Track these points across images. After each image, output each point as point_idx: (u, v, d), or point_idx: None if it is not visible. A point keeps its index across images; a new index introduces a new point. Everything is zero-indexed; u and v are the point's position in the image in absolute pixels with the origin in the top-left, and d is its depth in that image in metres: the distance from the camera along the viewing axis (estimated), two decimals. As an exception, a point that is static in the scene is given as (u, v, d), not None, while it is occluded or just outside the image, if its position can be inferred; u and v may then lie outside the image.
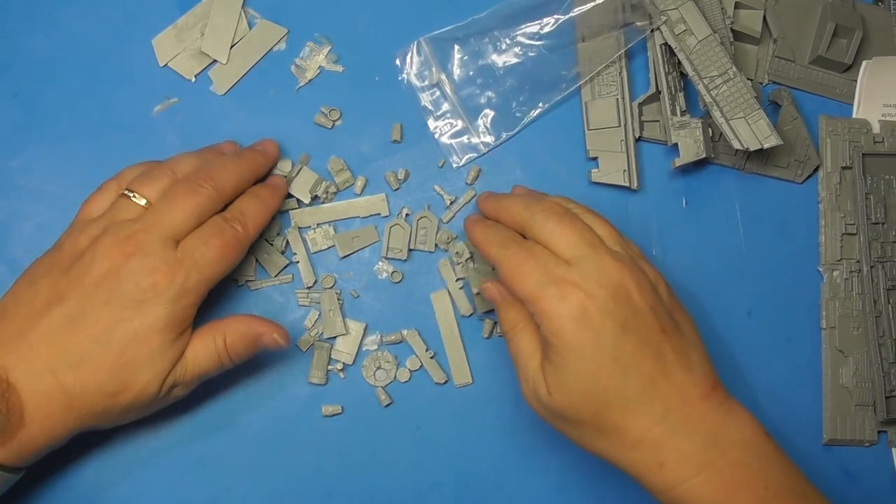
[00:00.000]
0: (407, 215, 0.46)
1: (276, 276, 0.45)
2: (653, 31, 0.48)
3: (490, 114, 0.48)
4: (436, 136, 0.48)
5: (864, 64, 0.51)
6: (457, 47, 0.48)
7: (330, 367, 0.45)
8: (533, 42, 0.48)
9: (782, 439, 0.38)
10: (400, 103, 0.48)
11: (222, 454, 0.43)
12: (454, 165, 0.47)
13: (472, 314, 0.46)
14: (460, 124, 0.48)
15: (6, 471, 0.36)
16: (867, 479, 0.47)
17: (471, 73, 0.48)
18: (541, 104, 0.48)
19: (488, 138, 0.48)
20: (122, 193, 0.39)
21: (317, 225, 0.46)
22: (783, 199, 0.50)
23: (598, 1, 0.47)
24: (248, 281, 0.45)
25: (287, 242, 0.45)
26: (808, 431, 0.47)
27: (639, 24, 0.47)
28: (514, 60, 0.48)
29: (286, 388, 0.44)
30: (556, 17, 0.48)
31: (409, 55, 0.48)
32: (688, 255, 0.48)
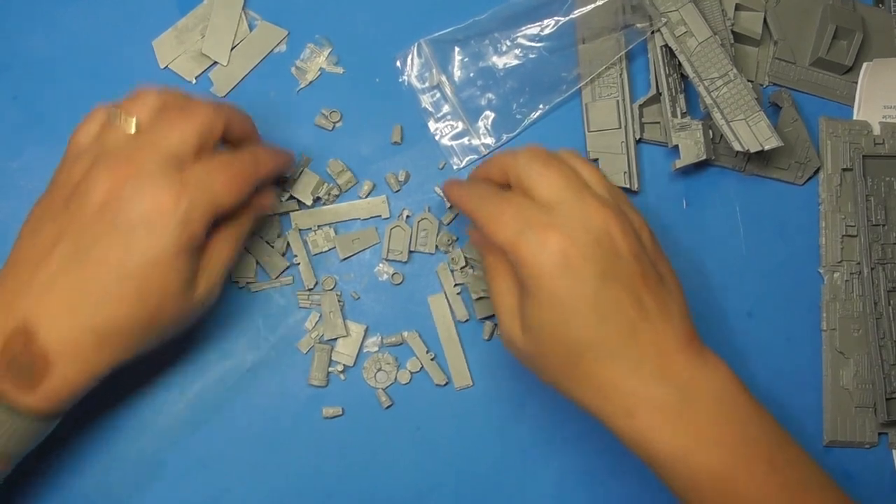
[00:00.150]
0: (407, 217, 0.46)
1: (276, 277, 0.45)
2: (653, 32, 0.48)
3: (490, 115, 0.48)
4: (436, 138, 0.48)
5: (864, 66, 0.51)
6: (457, 49, 0.48)
7: (330, 369, 0.45)
8: (533, 44, 0.48)
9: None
10: (400, 105, 0.48)
11: (223, 455, 0.43)
12: (455, 167, 0.47)
13: (467, 320, 0.45)
14: (461, 126, 0.48)
15: (41, 418, 0.35)
16: (867, 480, 0.47)
17: (471, 74, 0.48)
18: (541, 106, 0.48)
19: (489, 140, 0.48)
20: (111, 116, 0.37)
21: (317, 227, 0.46)
22: (784, 201, 0.50)
23: (599, 3, 0.47)
24: (249, 283, 0.45)
25: (288, 244, 0.45)
26: (809, 433, 0.47)
27: (639, 25, 0.47)
28: (515, 62, 0.48)
29: (287, 390, 0.44)
30: (556, 18, 0.48)
31: (410, 57, 0.48)
32: (688, 257, 0.48)
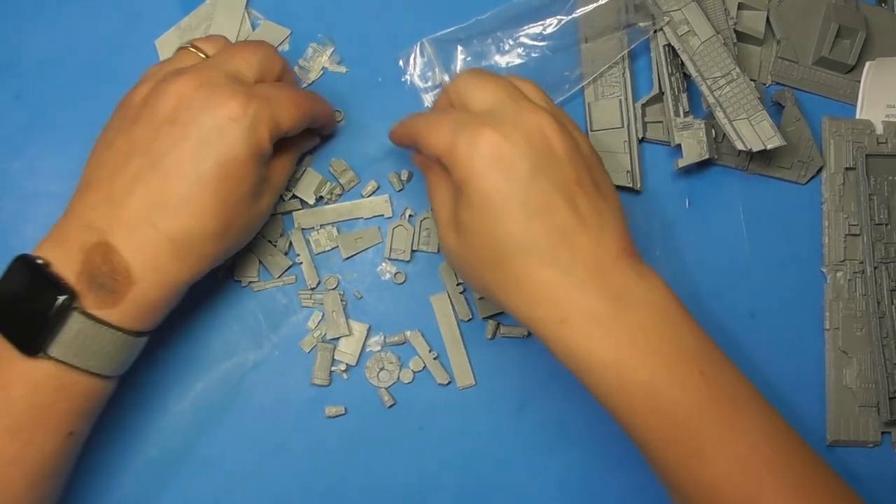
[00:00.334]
0: (410, 216, 0.46)
1: (279, 277, 0.45)
2: (656, 32, 0.48)
3: (493, 115, 0.48)
4: (439, 137, 0.48)
5: (867, 65, 0.51)
6: (460, 48, 0.48)
7: (333, 369, 0.45)
8: (536, 43, 0.48)
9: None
10: (403, 104, 0.47)
11: (225, 454, 0.43)
12: (457, 166, 0.47)
13: (470, 319, 0.45)
14: (463, 125, 0.48)
15: (127, 333, 0.35)
16: (870, 480, 0.47)
17: (474, 73, 0.48)
18: (544, 105, 0.48)
19: (491, 139, 0.48)
20: (181, 47, 0.39)
21: (320, 226, 0.46)
22: (786, 200, 0.50)
23: (602, 2, 0.47)
24: (252, 282, 0.45)
25: (290, 244, 0.45)
26: (812, 432, 0.47)
27: (642, 25, 0.47)
28: (518, 61, 0.48)
29: (289, 389, 0.44)
30: (559, 18, 0.48)
31: (413, 56, 0.48)
32: (691, 256, 0.48)
